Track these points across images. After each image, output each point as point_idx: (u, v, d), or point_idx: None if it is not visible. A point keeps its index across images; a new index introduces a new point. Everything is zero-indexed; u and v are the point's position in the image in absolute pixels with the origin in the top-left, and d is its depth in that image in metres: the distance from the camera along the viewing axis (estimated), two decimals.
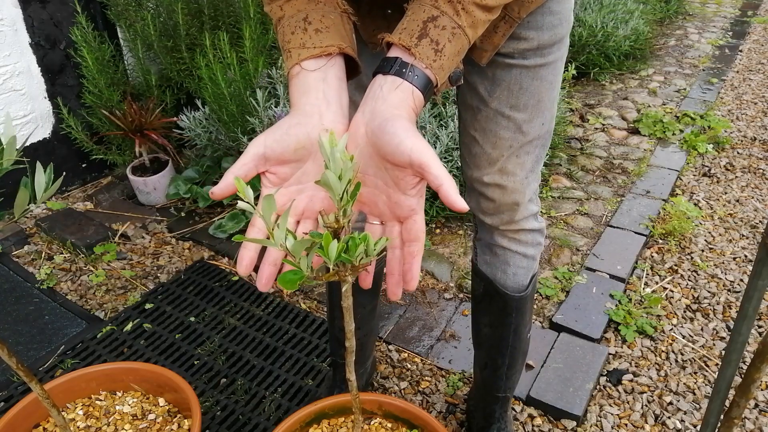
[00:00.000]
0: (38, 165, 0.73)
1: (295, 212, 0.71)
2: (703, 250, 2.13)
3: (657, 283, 1.98)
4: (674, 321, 1.81)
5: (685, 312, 1.85)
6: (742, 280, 1.98)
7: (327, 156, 0.57)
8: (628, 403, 1.55)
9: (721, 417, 0.83)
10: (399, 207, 0.67)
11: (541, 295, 1.90)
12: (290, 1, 0.75)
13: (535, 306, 1.86)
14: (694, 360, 1.68)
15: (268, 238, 0.60)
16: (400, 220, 0.68)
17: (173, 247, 2.15)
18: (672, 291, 1.94)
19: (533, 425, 1.49)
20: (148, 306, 1.84)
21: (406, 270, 0.67)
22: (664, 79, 3.67)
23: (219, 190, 0.65)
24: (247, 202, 0.58)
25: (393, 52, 0.70)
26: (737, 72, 3.77)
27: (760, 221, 2.30)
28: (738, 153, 2.81)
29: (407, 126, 0.64)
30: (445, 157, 2.11)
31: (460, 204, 0.60)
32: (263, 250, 0.70)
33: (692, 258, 2.09)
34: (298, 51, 0.72)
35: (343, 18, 0.76)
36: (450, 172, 2.10)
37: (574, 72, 2.99)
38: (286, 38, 0.74)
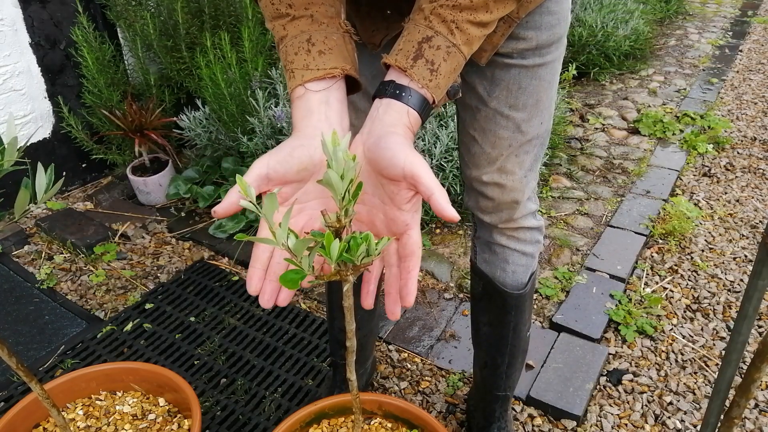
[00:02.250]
0: (39, 166, 0.73)
1: (295, 229, 0.72)
2: (703, 250, 2.13)
3: (657, 283, 1.98)
4: (674, 321, 1.81)
5: (685, 312, 1.85)
6: (742, 280, 1.98)
7: (329, 155, 0.57)
8: (628, 403, 1.55)
9: (721, 417, 0.83)
10: (395, 223, 0.68)
11: (541, 295, 1.90)
12: (293, 21, 0.76)
13: (535, 306, 1.86)
14: (694, 360, 1.68)
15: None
16: (397, 237, 0.69)
17: (173, 247, 2.15)
18: (672, 291, 1.94)
19: (533, 425, 1.49)
20: (148, 306, 1.84)
21: (402, 285, 0.68)
22: (664, 79, 3.68)
23: (222, 210, 0.65)
24: (250, 201, 0.58)
25: (390, 75, 0.72)
26: (737, 72, 3.77)
27: (760, 221, 2.30)
28: (738, 153, 2.82)
29: (401, 141, 0.66)
30: (446, 157, 2.11)
31: (450, 213, 0.62)
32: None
33: (692, 258, 2.09)
34: (301, 72, 0.73)
35: (345, 39, 0.77)
36: (450, 172, 2.10)
37: (575, 72, 2.99)
38: (289, 58, 0.75)
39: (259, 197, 0.70)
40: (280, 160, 0.68)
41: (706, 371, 1.65)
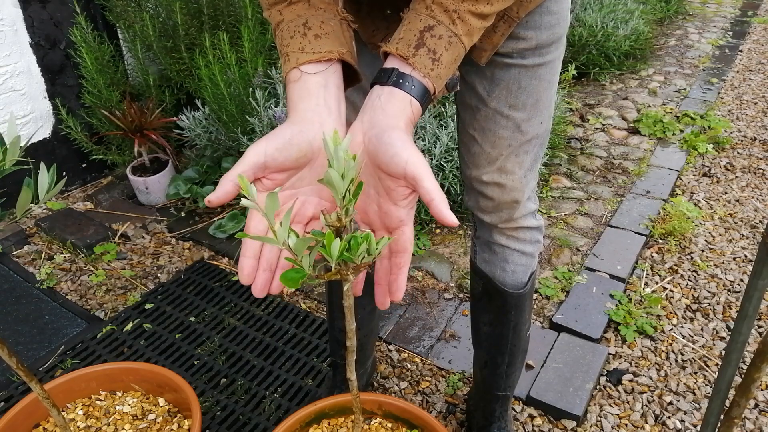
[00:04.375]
0: (42, 165, 0.73)
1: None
2: (703, 250, 2.13)
3: (657, 283, 1.98)
4: (674, 321, 1.81)
5: (685, 312, 1.85)
6: (742, 280, 1.98)
7: (330, 154, 0.57)
8: (628, 403, 1.55)
9: (721, 417, 0.83)
10: (389, 217, 0.67)
11: (541, 295, 1.90)
12: (290, 5, 0.75)
13: (535, 306, 1.86)
14: (694, 360, 1.68)
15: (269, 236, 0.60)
16: (389, 231, 0.68)
17: (173, 247, 2.15)
18: (672, 291, 1.94)
19: (533, 425, 1.49)
20: (148, 306, 1.84)
21: (392, 281, 0.68)
22: (664, 79, 3.68)
23: (216, 198, 0.64)
24: (250, 200, 0.58)
25: (390, 63, 0.70)
26: (737, 72, 3.77)
27: (760, 221, 2.30)
28: (738, 153, 2.82)
29: (404, 137, 0.65)
30: (445, 157, 2.11)
31: (450, 219, 0.61)
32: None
33: (692, 258, 2.09)
34: (296, 55, 0.72)
35: (343, 25, 0.76)
36: (450, 172, 2.10)
37: (574, 72, 2.99)
38: (284, 42, 0.74)
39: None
40: (279, 148, 0.67)
41: (706, 371, 1.65)
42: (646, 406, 1.55)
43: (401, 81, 0.68)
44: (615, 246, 2.12)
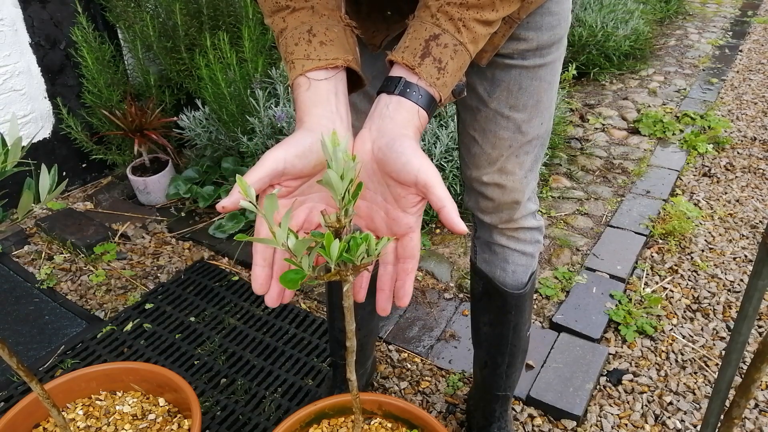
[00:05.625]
0: (43, 167, 0.73)
1: (296, 223, 0.71)
2: (703, 250, 2.13)
3: (657, 283, 1.98)
4: (674, 321, 1.82)
5: (685, 312, 1.85)
6: (742, 280, 1.98)
7: (329, 156, 0.57)
8: (628, 403, 1.56)
9: (721, 417, 0.83)
10: (397, 224, 0.68)
11: (541, 295, 1.90)
12: (293, 12, 0.75)
13: (535, 306, 1.86)
14: (694, 360, 1.68)
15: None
16: (397, 238, 0.69)
17: (173, 247, 2.15)
18: (672, 291, 1.94)
19: (533, 425, 1.49)
20: (148, 306, 1.84)
21: (399, 287, 0.68)
22: (664, 79, 3.68)
23: (230, 204, 0.63)
24: (250, 201, 0.58)
25: (396, 71, 0.71)
26: (737, 72, 3.77)
27: (760, 221, 2.30)
28: (738, 153, 2.82)
29: (414, 146, 0.66)
30: (446, 157, 2.11)
31: (460, 227, 0.61)
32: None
33: (692, 258, 2.09)
34: (302, 62, 0.72)
35: (347, 32, 0.76)
36: (450, 172, 2.10)
37: (575, 72, 2.99)
38: (289, 49, 0.73)
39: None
40: (299, 155, 0.66)
41: (706, 371, 1.65)
42: (646, 406, 1.55)
43: (408, 90, 0.69)
44: (615, 246, 2.12)
